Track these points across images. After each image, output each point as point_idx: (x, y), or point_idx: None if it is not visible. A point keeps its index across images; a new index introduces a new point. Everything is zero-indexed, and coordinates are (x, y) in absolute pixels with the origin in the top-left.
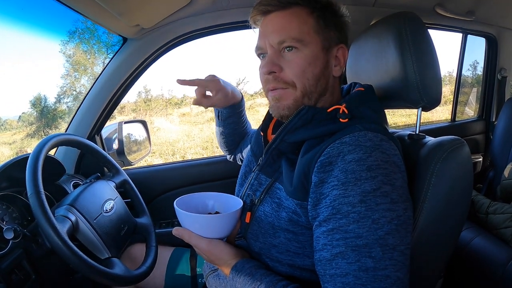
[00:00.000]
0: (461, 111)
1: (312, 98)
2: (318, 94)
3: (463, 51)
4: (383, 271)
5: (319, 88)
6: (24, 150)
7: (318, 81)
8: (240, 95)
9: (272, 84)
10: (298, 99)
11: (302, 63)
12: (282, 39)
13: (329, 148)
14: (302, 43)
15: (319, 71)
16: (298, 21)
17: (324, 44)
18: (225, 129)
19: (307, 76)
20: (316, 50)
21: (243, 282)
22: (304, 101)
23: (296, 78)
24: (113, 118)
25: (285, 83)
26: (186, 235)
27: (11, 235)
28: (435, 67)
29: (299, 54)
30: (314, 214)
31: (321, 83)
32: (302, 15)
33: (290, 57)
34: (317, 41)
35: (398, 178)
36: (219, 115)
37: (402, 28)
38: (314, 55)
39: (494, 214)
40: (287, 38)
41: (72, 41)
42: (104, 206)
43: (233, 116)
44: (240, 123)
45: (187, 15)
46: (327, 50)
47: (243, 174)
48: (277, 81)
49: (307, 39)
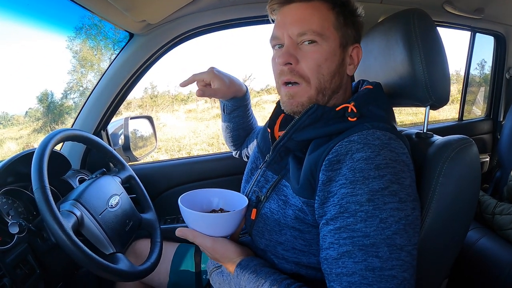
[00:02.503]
0: (469, 110)
1: (326, 95)
2: (331, 91)
3: (471, 50)
4: (390, 271)
5: (333, 85)
6: (30, 145)
7: (333, 78)
8: (245, 87)
9: (287, 76)
10: (312, 96)
11: (319, 57)
12: (303, 31)
13: (337, 146)
14: (322, 37)
15: (335, 67)
16: (320, 15)
17: (341, 41)
18: (231, 123)
19: (323, 72)
20: (334, 46)
21: (247, 280)
22: (318, 98)
23: (311, 73)
24: (119, 114)
25: (300, 76)
26: (190, 235)
27: (16, 229)
28: (444, 65)
29: (317, 48)
30: (321, 212)
31: (336, 80)
32: (323, 9)
33: (308, 50)
34: (336, 37)
35: (406, 177)
36: (224, 109)
37: (411, 25)
38: (332, 51)
39: (500, 215)
40: (308, 30)
41: (79, 37)
42: (110, 201)
43: (238, 109)
44: (245, 117)
45: (194, 11)
46: (344, 47)
47: (249, 171)
48: (292, 73)
49: (327, 34)
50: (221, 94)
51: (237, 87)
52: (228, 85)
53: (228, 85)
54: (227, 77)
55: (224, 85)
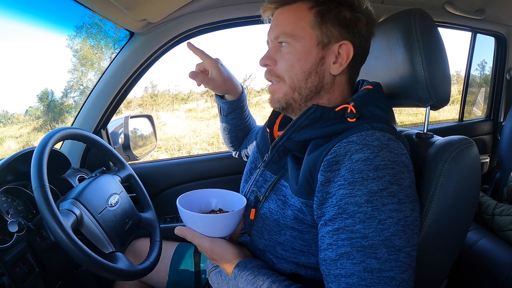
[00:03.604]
0: (469, 111)
1: (303, 94)
2: (309, 90)
3: (472, 50)
4: (388, 272)
5: (310, 84)
6: (30, 143)
7: (307, 77)
8: (241, 88)
9: (267, 76)
10: (287, 93)
11: (291, 58)
12: (277, 35)
13: (336, 147)
14: (294, 38)
15: (310, 66)
16: (296, 16)
17: (320, 40)
18: (228, 125)
19: (295, 71)
20: (308, 45)
21: (245, 282)
22: (294, 96)
23: (285, 73)
24: (119, 113)
25: (277, 76)
26: (189, 235)
27: (15, 228)
28: (445, 66)
29: (290, 49)
30: (319, 213)
31: (312, 80)
32: (302, 10)
33: (284, 51)
34: (311, 37)
35: (406, 178)
36: (221, 111)
37: (412, 25)
38: (306, 50)
39: (500, 216)
40: (281, 33)
41: (80, 36)
42: (109, 200)
43: (234, 111)
44: (242, 119)
45: (194, 10)
46: (324, 45)
47: (248, 171)
48: (270, 74)
49: (300, 34)
50: (213, 85)
51: (232, 86)
52: (224, 80)
53: (224, 80)
54: (227, 73)
55: (220, 78)
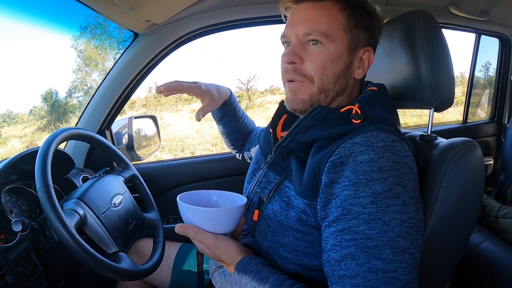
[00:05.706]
0: (473, 113)
1: (329, 96)
2: (335, 93)
3: (476, 52)
4: (393, 273)
5: (337, 87)
6: (34, 143)
7: (337, 80)
8: (229, 91)
9: (291, 75)
10: (314, 95)
11: (324, 58)
12: (309, 31)
13: (340, 148)
14: (328, 39)
15: (340, 70)
16: (328, 15)
17: (350, 44)
18: (225, 128)
19: (327, 73)
20: (341, 48)
21: (248, 278)
22: (320, 98)
23: (315, 73)
24: (123, 113)
25: (304, 76)
26: (192, 231)
27: (19, 227)
28: (449, 67)
29: (323, 49)
30: (323, 214)
31: (340, 83)
32: (333, 10)
33: (313, 50)
34: (344, 40)
35: (410, 179)
36: (214, 117)
37: (416, 26)
38: (338, 53)
39: (504, 218)
40: (314, 30)
41: (84, 36)
42: (113, 200)
43: (227, 115)
44: (237, 120)
45: (199, 11)
46: (352, 50)
47: (251, 172)
48: (295, 72)
49: (334, 35)
50: (215, 106)
51: (224, 93)
52: (218, 95)
53: (218, 95)
54: (214, 87)
55: (214, 99)
